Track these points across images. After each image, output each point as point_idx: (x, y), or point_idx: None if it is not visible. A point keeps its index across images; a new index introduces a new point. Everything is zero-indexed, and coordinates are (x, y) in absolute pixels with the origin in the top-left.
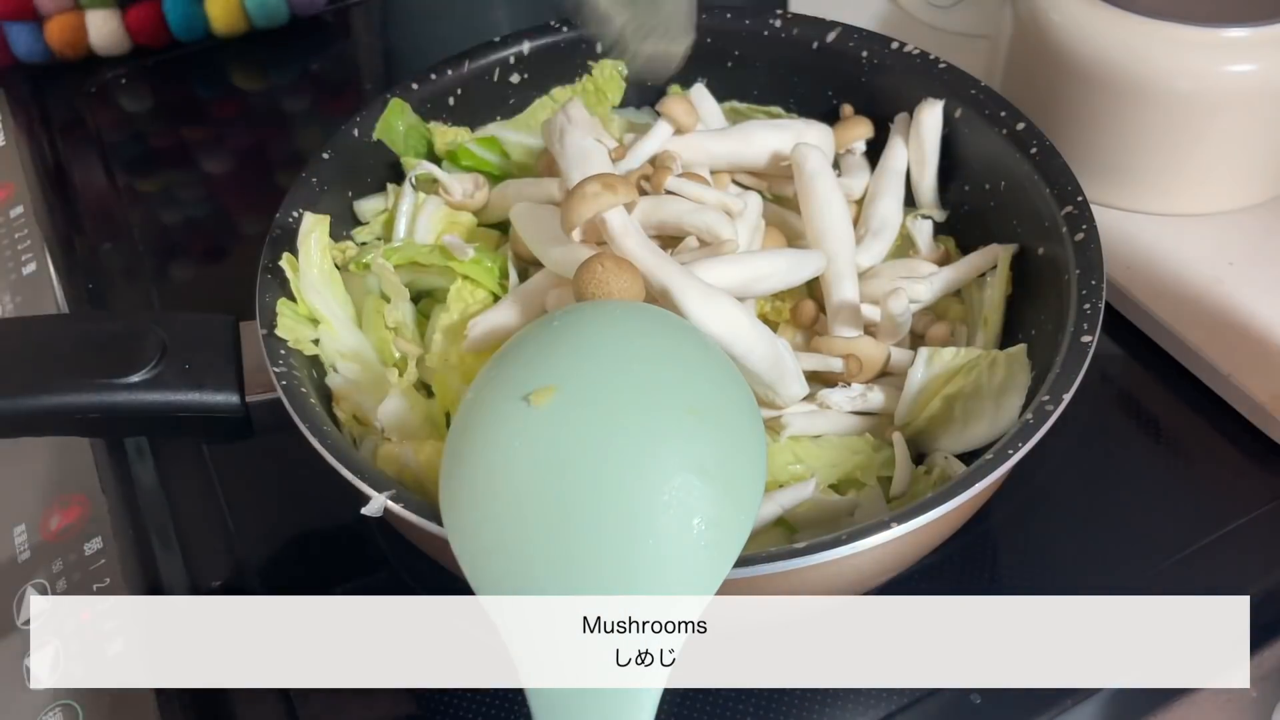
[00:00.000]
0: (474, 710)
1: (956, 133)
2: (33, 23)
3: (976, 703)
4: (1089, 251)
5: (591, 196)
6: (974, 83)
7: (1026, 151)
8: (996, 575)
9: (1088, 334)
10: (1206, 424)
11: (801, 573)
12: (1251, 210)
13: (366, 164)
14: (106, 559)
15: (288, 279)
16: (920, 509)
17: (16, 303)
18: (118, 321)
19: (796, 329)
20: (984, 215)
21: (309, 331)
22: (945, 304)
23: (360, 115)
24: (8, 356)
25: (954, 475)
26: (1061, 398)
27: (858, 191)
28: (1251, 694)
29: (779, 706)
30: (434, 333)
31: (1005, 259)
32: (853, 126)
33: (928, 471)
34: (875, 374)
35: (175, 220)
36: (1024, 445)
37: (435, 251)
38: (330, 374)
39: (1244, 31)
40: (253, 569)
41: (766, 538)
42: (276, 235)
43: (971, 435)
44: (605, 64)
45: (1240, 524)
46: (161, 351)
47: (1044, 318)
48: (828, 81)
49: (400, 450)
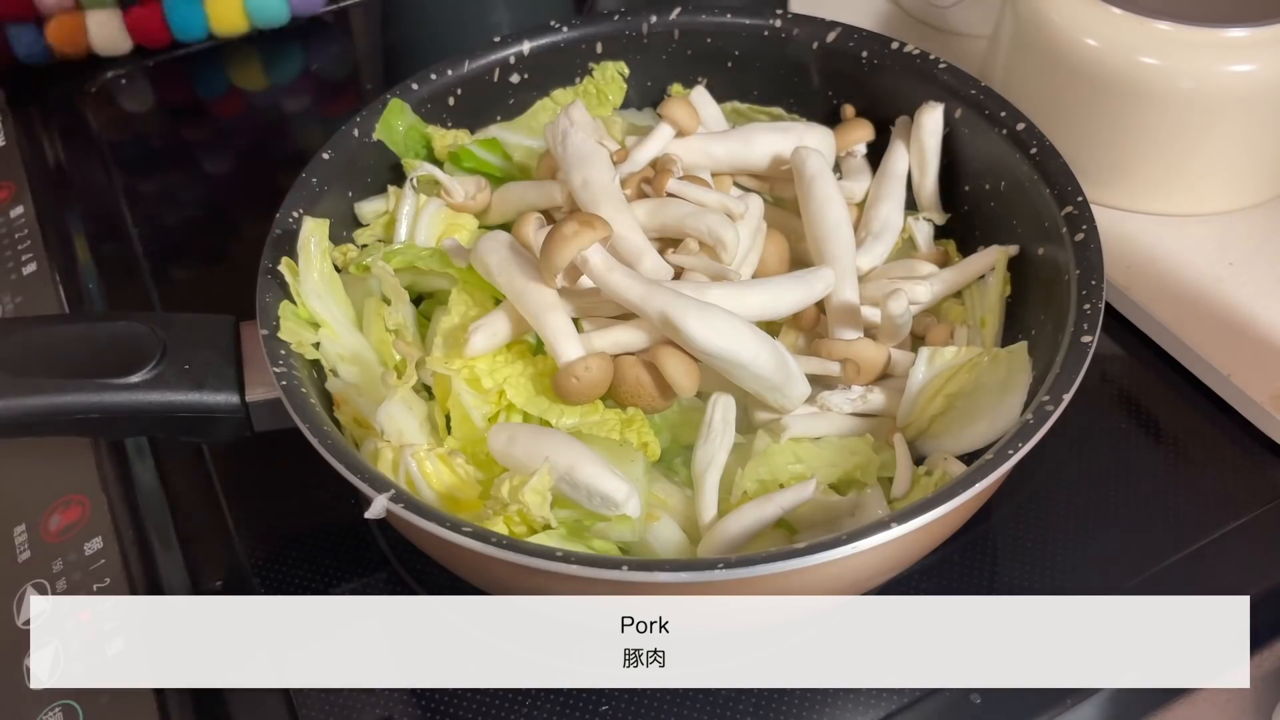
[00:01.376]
0: (474, 710)
1: (956, 133)
2: (33, 23)
3: (976, 703)
4: (1089, 252)
5: (571, 237)
6: (974, 83)
7: (1026, 152)
8: (996, 575)
9: (1088, 334)
10: (1206, 424)
11: (802, 573)
12: (1251, 210)
13: (367, 164)
14: (106, 559)
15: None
16: (920, 509)
17: (17, 303)
18: (118, 322)
19: (797, 332)
20: (984, 216)
21: (310, 335)
22: (945, 305)
23: (360, 115)
24: (8, 357)
25: (954, 476)
26: (1062, 398)
27: (859, 194)
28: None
29: (779, 706)
30: (435, 335)
31: (1004, 260)
32: (854, 129)
33: (928, 472)
34: (875, 376)
35: (175, 220)
36: (1024, 445)
37: (435, 256)
38: (330, 378)
39: (1244, 31)
40: (253, 569)
41: (767, 538)
42: (277, 235)
43: (973, 434)
44: (606, 65)
45: (1240, 524)
46: (162, 352)
47: (1044, 318)
48: (828, 82)
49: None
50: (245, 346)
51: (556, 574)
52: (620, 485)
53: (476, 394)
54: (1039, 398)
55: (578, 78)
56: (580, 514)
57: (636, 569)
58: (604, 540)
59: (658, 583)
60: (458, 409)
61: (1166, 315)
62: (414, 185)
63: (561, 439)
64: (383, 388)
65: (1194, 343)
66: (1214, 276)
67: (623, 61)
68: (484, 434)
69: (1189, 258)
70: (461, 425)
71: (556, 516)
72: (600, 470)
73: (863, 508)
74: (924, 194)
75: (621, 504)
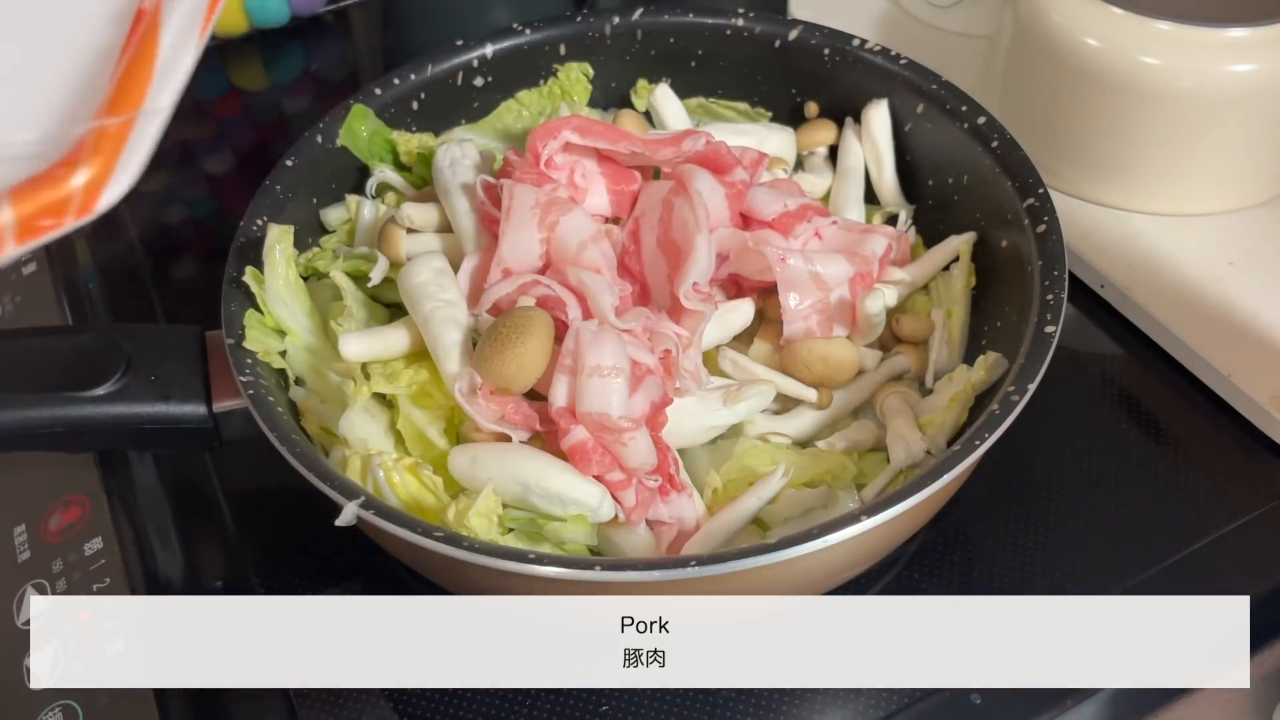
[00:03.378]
0: (474, 710)
1: (918, 128)
2: None
3: (976, 703)
4: (1051, 243)
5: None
6: (935, 78)
7: (988, 145)
8: (996, 575)
9: (1051, 324)
10: (1206, 424)
11: (776, 567)
12: (1251, 210)
13: (331, 170)
14: (106, 559)
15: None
16: (890, 501)
17: (16, 303)
18: (83, 334)
19: (765, 341)
20: (947, 209)
21: (277, 344)
22: (912, 298)
23: (324, 121)
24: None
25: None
26: (1026, 388)
27: (819, 191)
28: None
29: (779, 706)
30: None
31: (966, 249)
32: (816, 130)
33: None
34: (849, 377)
35: (175, 220)
36: (990, 436)
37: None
38: (294, 387)
39: (1244, 31)
40: (253, 569)
41: (741, 537)
42: (241, 243)
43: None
44: (571, 66)
45: (1240, 524)
46: (127, 364)
47: (1009, 309)
48: (791, 79)
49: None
50: (212, 356)
51: (529, 576)
52: (593, 490)
53: (427, 410)
54: (1004, 388)
55: (542, 79)
56: (533, 515)
57: (609, 569)
58: (574, 543)
59: (629, 582)
60: (409, 428)
61: (1166, 315)
62: (370, 194)
63: (525, 452)
64: (345, 396)
65: (1194, 343)
66: (1214, 276)
67: (587, 63)
68: (441, 449)
69: (1189, 258)
70: (417, 444)
71: (511, 519)
72: (572, 478)
73: (834, 501)
74: (884, 188)
75: (596, 508)
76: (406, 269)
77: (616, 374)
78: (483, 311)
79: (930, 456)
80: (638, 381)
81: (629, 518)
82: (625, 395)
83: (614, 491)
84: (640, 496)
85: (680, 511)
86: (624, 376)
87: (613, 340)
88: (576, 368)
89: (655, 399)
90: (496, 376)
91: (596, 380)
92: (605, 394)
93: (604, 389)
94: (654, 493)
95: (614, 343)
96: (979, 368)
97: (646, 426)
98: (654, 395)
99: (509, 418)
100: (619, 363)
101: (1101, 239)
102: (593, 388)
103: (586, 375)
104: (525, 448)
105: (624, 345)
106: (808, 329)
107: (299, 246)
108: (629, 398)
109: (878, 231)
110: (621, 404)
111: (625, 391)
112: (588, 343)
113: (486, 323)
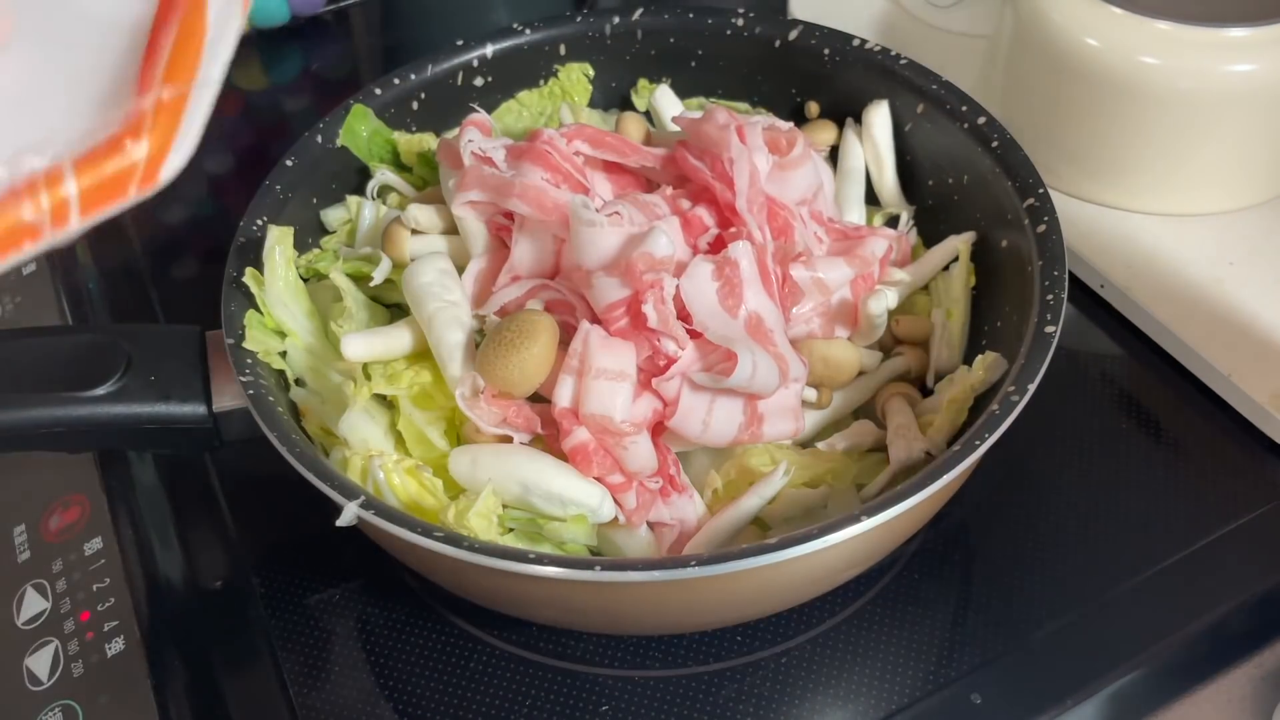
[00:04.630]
0: (474, 710)
1: (919, 128)
2: None
3: (976, 703)
4: (1051, 243)
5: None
6: (935, 78)
7: (988, 145)
8: (995, 575)
9: (1051, 324)
10: (1206, 424)
11: (777, 567)
12: (1251, 210)
13: (331, 170)
14: (106, 559)
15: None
16: (889, 502)
17: (17, 303)
18: (83, 334)
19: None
20: (947, 209)
21: (277, 344)
22: (912, 299)
23: (323, 121)
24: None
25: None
26: (1026, 388)
27: None
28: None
29: (778, 706)
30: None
31: (965, 249)
32: (816, 131)
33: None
34: (850, 378)
35: (175, 220)
36: (990, 436)
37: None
38: (294, 388)
39: (1244, 31)
40: (253, 569)
41: (742, 537)
42: (241, 244)
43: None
44: (571, 67)
45: (1240, 524)
46: (127, 364)
47: (1009, 309)
48: (791, 79)
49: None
50: (212, 356)
51: (529, 576)
52: (593, 490)
53: (427, 411)
54: (1004, 388)
55: (542, 80)
56: (533, 515)
57: (609, 569)
58: (574, 544)
59: (631, 582)
60: (410, 429)
61: (1166, 315)
62: (371, 196)
63: (526, 453)
64: (345, 397)
65: (1194, 343)
66: (1214, 276)
67: (587, 63)
68: (442, 450)
69: (1189, 258)
70: (418, 445)
71: (511, 519)
72: (573, 479)
73: (834, 501)
74: (884, 189)
75: (596, 509)
76: (411, 269)
77: (622, 378)
78: (490, 314)
79: (930, 457)
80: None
81: (630, 520)
82: (629, 399)
83: (615, 494)
84: (641, 499)
85: (681, 512)
86: (629, 381)
87: (621, 346)
88: (583, 369)
89: (658, 406)
90: (499, 380)
91: (602, 383)
92: (610, 397)
93: (609, 392)
94: (655, 495)
95: (622, 348)
96: (979, 368)
97: (648, 432)
98: (656, 403)
99: (510, 421)
100: (625, 368)
101: (1101, 239)
102: (598, 390)
103: (593, 377)
104: (526, 448)
105: (632, 352)
106: (809, 330)
107: (299, 247)
108: (633, 403)
109: (878, 233)
110: (625, 407)
111: (629, 396)
112: (596, 345)
113: (492, 324)
